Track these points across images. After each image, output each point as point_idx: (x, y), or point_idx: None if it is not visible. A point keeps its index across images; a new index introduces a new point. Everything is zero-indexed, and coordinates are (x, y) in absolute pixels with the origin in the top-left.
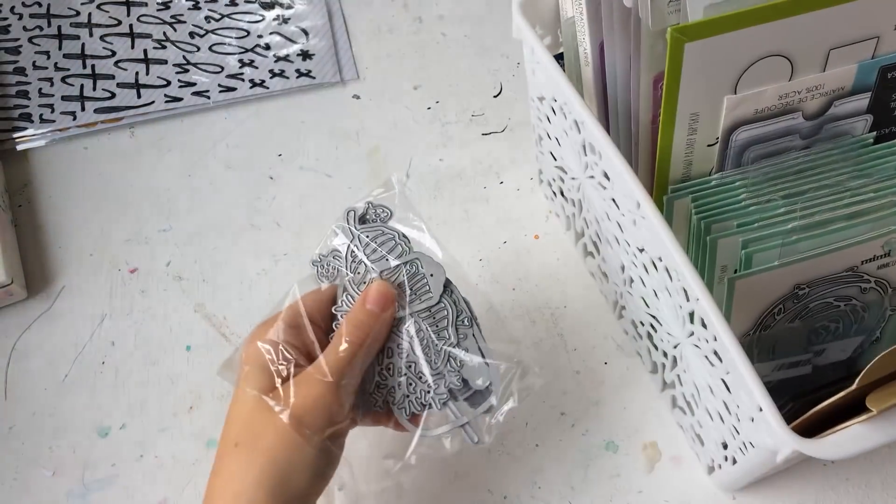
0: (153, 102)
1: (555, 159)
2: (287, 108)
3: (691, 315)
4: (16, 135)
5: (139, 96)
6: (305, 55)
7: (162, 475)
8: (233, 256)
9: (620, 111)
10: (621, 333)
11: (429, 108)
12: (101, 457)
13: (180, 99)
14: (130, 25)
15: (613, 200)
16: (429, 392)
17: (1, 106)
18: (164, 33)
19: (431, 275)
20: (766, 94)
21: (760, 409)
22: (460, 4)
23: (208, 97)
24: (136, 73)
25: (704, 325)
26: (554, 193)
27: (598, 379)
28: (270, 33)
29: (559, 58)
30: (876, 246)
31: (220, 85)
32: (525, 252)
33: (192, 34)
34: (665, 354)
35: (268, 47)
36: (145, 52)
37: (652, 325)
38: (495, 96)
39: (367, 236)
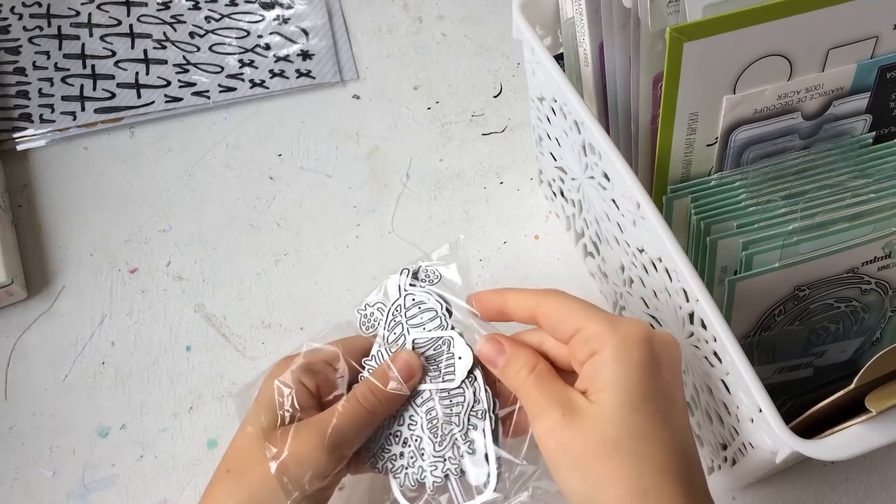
0: (153, 102)
1: (555, 160)
2: (287, 108)
3: (691, 316)
4: (16, 135)
5: (139, 96)
6: (305, 55)
7: (162, 475)
8: (233, 256)
9: (620, 111)
10: None
11: (429, 108)
12: (101, 457)
13: (180, 99)
14: (130, 25)
15: (613, 201)
16: (426, 471)
17: (1, 106)
18: (164, 33)
19: (460, 357)
20: (765, 94)
21: (760, 411)
22: (460, 4)
23: (208, 97)
24: (136, 73)
25: (704, 326)
26: (554, 194)
27: None
28: (270, 33)
29: (559, 58)
30: (877, 247)
31: (220, 85)
32: (525, 252)
33: (192, 34)
34: None
35: (268, 47)
36: (145, 52)
37: (652, 326)
38: (495, 96)
39: (413, 299)
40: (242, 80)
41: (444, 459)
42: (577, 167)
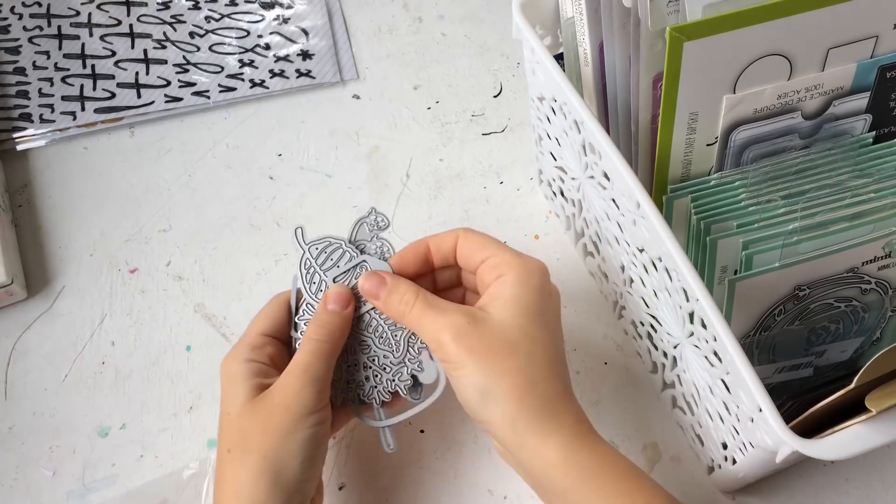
0: (153, 102)
1: (555, 159)
2: (287, 108)
3: (691, 315)
4: (16, 135)
5: (139, 96)
6: (305, 55)
7: (162, 475)
8: (233, 256)
9: (620, 111)
10: (621, 333)
11: (429, 108)
12: (101, 457)
13: (180, 99)
14: (130, 25)
15: (613, 200)
16: (394, 380)
17: (1, 106)
18: (164, 33)
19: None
20: (765, 94)
21: (760, 410)
22: (460, 4)
23: (208, 97)
24: (136, 73)
25: (704, 326)
26: (554, 193)
27: (598, 379)
28: (270, 33)
29: (559, 58)
30: (877, 247)
31: (220, 85)
32: (525, 252)
33: (192, 34)
34: (665, 355)
35: (268, 47)
36: (145, 52)
37: (652, 326)
38: (495, 96)
39: (317, 248)
40: (242, 79)
41: (405, 362)
42: (577, 167)
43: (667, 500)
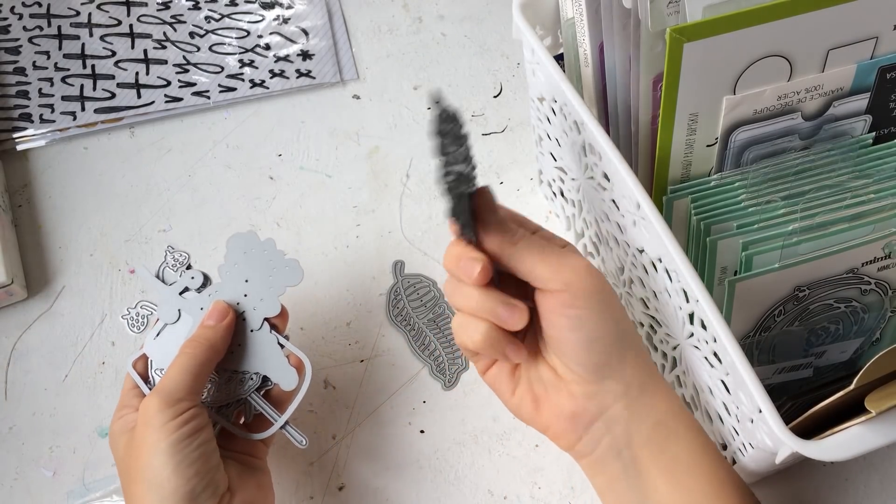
0: (153, 102)
1: (555, 160)
2: (287, 108)
3: (691, 316)
4: (16, 135)
5: (139, 96)
6: (305, 55)
7: None
8: None
9: (620, 112)
10: None
11: (429, 108)
12: (101, 457)
13: (180, 99)
14: (130, 25)
15: (613, 201)
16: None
17: (1, 106)
18: (164, 33)
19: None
20: (765, 95)
21: (760, 411)
22: (460, 4)
23: (208, 97)
24: (136, 73)
25: (704, 327)
26: (554, 194)
27: None
28: (270, 33)
29: (559, 58)
30: (876, 248)
31: (220, 85)
32: None
33: (192, 34)
34: (665, 355)
35: (268, 47)
36: (145, 52)
37: (652, 327)
38: (495, 96)
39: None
40: (242, 80)
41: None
42: (577, 167)
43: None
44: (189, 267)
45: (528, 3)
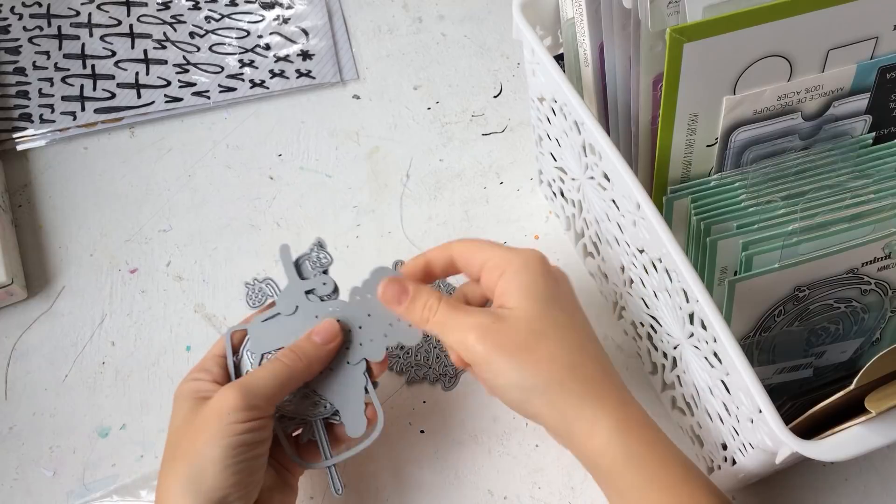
0: (153, 102)
1: (555, 160)
2: (287, 108)
3: (691, 316)
4: (16, 135)
5: (139, 96)
6: (305, 55)
7: None
8: (233, 256)
9: (620, 112)
10: (621, 334)
11: (429, 109)
12: (101, 457)
13: (180, 99)
14: (130, 25)
15: (613, 201)
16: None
17: (1, 106)
18: (164, 33)
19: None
20: (765, 95)
21: (760, 411)
22: (460, 4)
23: (208, 97)
24: (136, 74)
25: (704, 327)
26: (554, 194)
27: None
28: (270, 33)
29: (559, 58)
30: (876, 248)
31: (220, 85)
32: None
33: (192, 34)
34: (665, 355)
35: (268, 47)
36: (145, 52)
37: (652, 326)
38: (495, 96)
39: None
40: (242, 80)
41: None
42: (577, 167)
43: (711, 492)
44: (326, 272)
45: (528, 3)
